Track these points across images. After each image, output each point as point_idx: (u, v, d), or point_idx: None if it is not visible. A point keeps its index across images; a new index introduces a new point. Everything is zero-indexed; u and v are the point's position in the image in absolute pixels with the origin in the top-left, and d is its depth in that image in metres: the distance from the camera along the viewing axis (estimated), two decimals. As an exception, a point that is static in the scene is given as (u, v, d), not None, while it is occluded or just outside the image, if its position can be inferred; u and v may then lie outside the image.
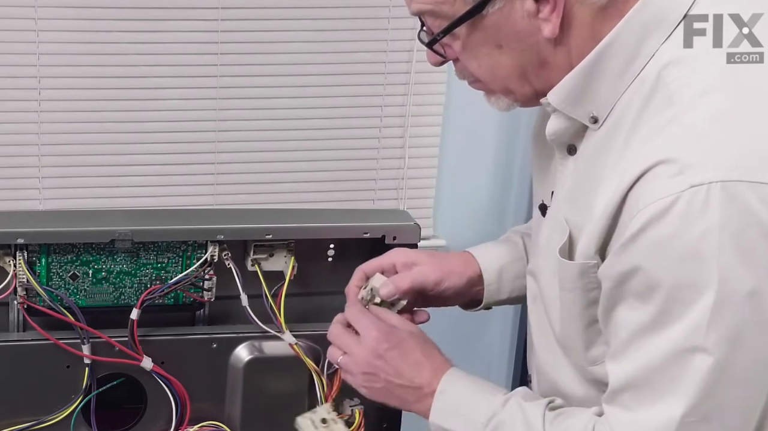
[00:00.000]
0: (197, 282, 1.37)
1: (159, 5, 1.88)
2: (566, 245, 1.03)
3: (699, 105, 0.93)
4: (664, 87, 0.96)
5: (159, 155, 1.99)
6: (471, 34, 1.01)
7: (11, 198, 1.93)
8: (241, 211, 1.78)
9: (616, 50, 0.98)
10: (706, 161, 0.90)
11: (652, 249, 0.92)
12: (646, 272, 0.93)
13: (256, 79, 1.98)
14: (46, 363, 1.33)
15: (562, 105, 1.03)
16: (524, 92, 1.05)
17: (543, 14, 0.98)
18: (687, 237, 0.90)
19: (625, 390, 0.99)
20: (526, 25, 0.99)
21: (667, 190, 0.91)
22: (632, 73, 0.98)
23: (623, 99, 0.99)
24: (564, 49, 1.00)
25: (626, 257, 0.95)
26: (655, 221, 0.91)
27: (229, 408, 1.40)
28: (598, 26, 0.99)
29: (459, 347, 2.24)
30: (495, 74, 1.05)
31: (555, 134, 1.06)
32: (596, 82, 1.00)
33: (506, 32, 1.00)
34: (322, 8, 1.97)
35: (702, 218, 0.90)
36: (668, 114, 0.94)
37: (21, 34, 1.85)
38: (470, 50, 1.03)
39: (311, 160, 2.06)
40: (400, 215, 1.47)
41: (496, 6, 0.98)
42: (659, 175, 0.92)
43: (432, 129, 2.11)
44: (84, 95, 1.91)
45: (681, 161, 0.91)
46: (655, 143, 0.93)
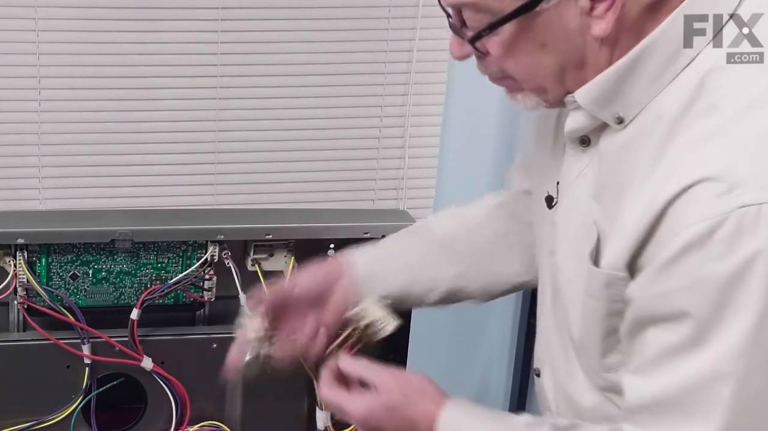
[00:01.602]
0: (197, 282, 1.37)
1: (159, 5, 1.88)
2: (594, 249, 0.99)
3: (747, 119, 0.89)
4: (708, 94, 0.91)
5: (159, 155, 1.99)
6: (518, 31, 0.95)
7: (11, 198, 1.93)
8: (241, 211, 1.78)
9: (658, 50, 0.94)
10: (757, 180, 0.86)
11: (695, 274, 0.88)
12: (685, 296, 0.89)
13: (256, 79, 1.97)
14: (46, 363, 1.33)
15: (590, 105, 0.98)
16: (557, 93, 1.00)
17: (597, 12, 0.92)
18: (733, 262, 0.86)
19: (650, 410, 0.95)
20: (578, 23, 0.93)
21: (713, 210, 0.86)
22: (670, 75, 0.94)
23: (657, 101, 0.95)
24: (608, 48, 0.95)
25: (665, 280, 0.90)
26: (698, 243, 0.87)
27: (229, 408, 1.40)
28: (643, 24, 0.94)
29: (459, 347, 2.25)
30: (532, 73, 0.99)
31: (574, 132, 1.01)
32: (630, 83, 0.95)
33: (555, 31, 0.94)
34: (322, 8, 1.97)
35: (750, 241, 0.85)
36: (712, 123, 0.90)
37: (21, 34, 1.85)
38: (512, 48, 0.96)
39: (311, 160, 2.06)
40: (400, 215, 1.47)
41: (551, 3, 0.92)
42: (704, 192, 0.87)
43: (432, 129, 2.11)
44: (84, 95, 1.91)
45: (729, 180, 0.86)
46: (700, 156, 0.89)
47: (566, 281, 1.07)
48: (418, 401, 1.09)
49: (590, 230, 1.00)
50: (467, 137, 2.11)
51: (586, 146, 1.03)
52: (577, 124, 1.01)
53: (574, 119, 1.00)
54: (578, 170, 1.04)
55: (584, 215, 1.02)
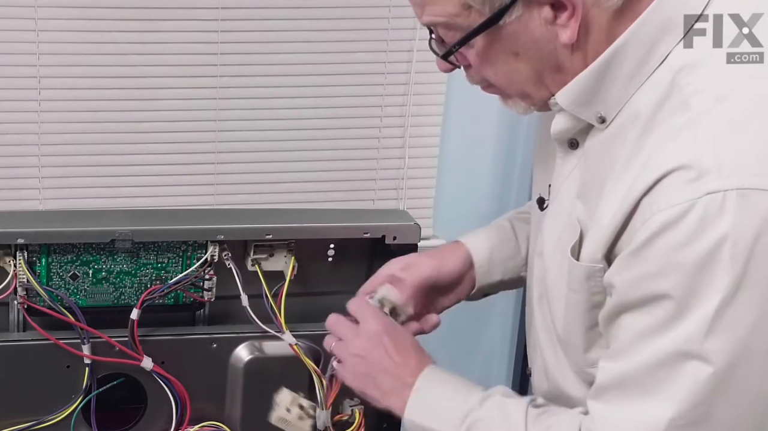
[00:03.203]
0: (197, 282, 1.37)
1: (159, 5, 1.88)
2: (576, 245, 1.03)
3: (716, 111, 0.92)
4: (679, 91, 0.95)
5: (159, 155, 1.99)
6: (488, 44, 1.00)
7: (11, 198, 1.93)
8: (241, 211, 1.78)
9: (629, 52, 0.98)
10: (722, 168, 0.89)
11: (664, 258, 0.91)
12: (657, 280, 0.92)
13: (256, 79, 1.98)
14: (46, 363, 1.33)
15: (570, 106, 1.02)
16: (541, 96, 1.04)
17: (561, 21, 0.97)
18: (700, 245, 0.89)
19: (614, 388, 0.98)
20: (544, 32, 0.98)
21: (681, 197, 0.90)
22: (644, 74, 0.98)
23: (633, 100, 0.99)
24: (580, 53, 0.99)
25: (636, 265, 0.94)
26: (667, 228, 0.90)
27: (229, 408, 1.40)
28: (612, 28, 0.98)
29: (459, 347, 2.25)
30: (511, 80, 1.04)
31: (560, 133, 1.05)
32: (607, 83, 0.99)
33: (523, 40, 0.99)
34: (322, 8, 1.97)
35: (716, 226, 0.88)
36: (684, 119, 0.93)
37: (21, 34, 1.85)
38: (486, 59, 1.02)
39: (311, 160, 2.06)
40: (400, 215, 1.47)
41: (513, 15, 0.97)
42: (674, 181, 0.91)
43: (432, 129, 2.11)
44: (84, 95, 1.91)
45: (697, 167, 0.90)
46: (670, 149, 0.92)
47: (552, 280, 1.11)
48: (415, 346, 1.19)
49: (574, 227, 1.04)
50: (467, 137, 2.11)
51: (575, 149, 1.06)
52: (561, 125, 1.05)
53: (558, 120, 1.05)
54: (567, 172, 1.08)
55: (569, 215, 1.06)
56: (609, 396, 0.99)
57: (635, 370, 0.96)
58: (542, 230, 1.13)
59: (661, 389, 0.94)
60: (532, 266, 1.19)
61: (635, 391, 0.96)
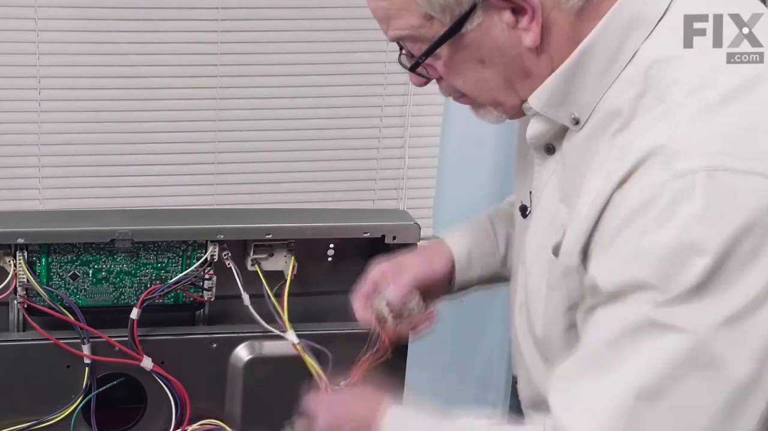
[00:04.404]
0: (197, 282, 1.37)
1: (159, 5, 1.89)
2: (558, 244, 1.02)
3: (690, 101, 0.92)
4: (654, 86, 0.95)
5: (159, 155, 1.99)
6: (453, 53, 1.01)
7: (11, 198, 1.93)
8: (241, 211, 1.78)
9: (597, 51, 0.98)
10: (691, 150, 0.89)
11: (636, 244, 0.90)
12: (630, 268, 0.91)
13: (256, 79, 1.98)
14: (46, 363, 1.33)
15: (544, 109, 1.02)
16: (512, 103, 1.05)
17: (522, 24, 0.97)
18: (671, 227, 0.88)
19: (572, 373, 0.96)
20: (507, 37, 0.98)
21: (649, 181, 0.89)
22: (614, 72, 0.98)
23: (606, 99, 0.99)
24: (546, 56, 1.00)
25: (609, 255, 0.93)
26: (637, 213, 0.90)
27: (229, 408, 1.40)
28: (576, 30, 0.98)
29: (459, 347, 2.25)
30: (481, 88, 1.04)
31: (536, 138, 1.06)
32: (578, 84, 1.00)
33: (487, 47, 0.99)
34: (322, 8, 1.97)
35: (686, 206, 0.88)
36: (658, 111, 0.93)
37: (21, 34, 1.85)
38: (453, 68, 1.03)
39: (311, 160, 2.06)
40: (400, 215, 1.47)
41: (475, 23, 0.98)
42: (645, 169, 0.90)
43: (432, 129, 2.11)
44: (84, 95, 1.91)
45: (666, 152, 0.89)
46: (644, 140, 0.92)
47: (532, 285, 1.10)
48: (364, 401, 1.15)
49: (558, 230, 1.03)
50: (467, 137, 2.11)
51: (552, 154, 1.07)
52: (536, 130, 1.05)
53: (533, 125, 1.05)
54: (546, 178, 1.08)
55: (552, 218, 1.06)
56: (567, 383, 0.96)
57: (594, 345, 0.94)
58: (525, 238, 1.13)
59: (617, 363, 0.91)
60: (516, 274, 1.18)
61: (596, 368, 0.93)
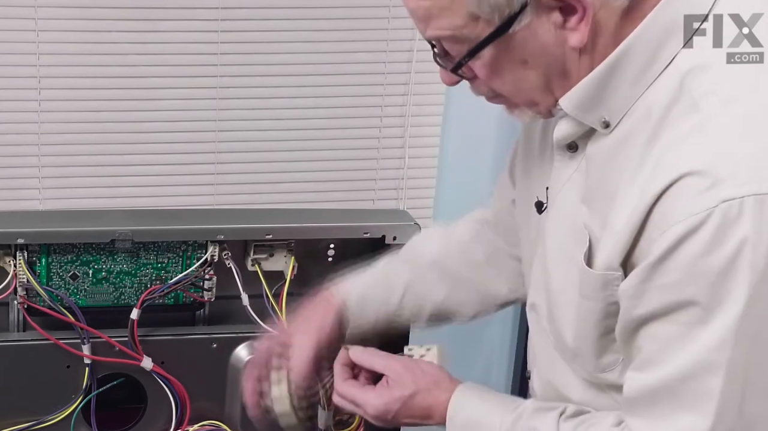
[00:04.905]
0: (197, 282, 1.37)
1: (159, 5, 1.88)
2: (587, 252, 1.01)
3: (726, 114, 0.91)
4: (688, 94, 0.93)
5: (159, 155, 1.99)
6: (496, 53, 0.98)
7: (11, 198, 1.93)
8: (241, 211, 1.78)
9: (634, 55, 0.96)
10: (737, 174, 0.88)
11: (687, 267, 0.90)
12: (681, 289, 0.91)
13: (256, 79, 1.98)
14: (46, 363, 1.33)
15: (574, 111, 1.00)
16: (547, 103, 1.02)
17: (570, 24, 0.95)
18: (720, 254, 0.88)
19: (647, 401, 0.97)
20: (553, 37, 0.96)
21: (697, 206, 0.88)
22: (649, 77, 0.96)
23: (639, 104, 0.97)
24: (588, 57, 0.98)
25: (656, 277, 0.92)
26: (686, 238, 0.89)
27: (229, 408, 1.40)
28: (620, 30, 0.96)
29: (459, 347, 2.24)
30: (519, 89, 1.02)
31: (563, 139, 1.04)
32: (611, 87, 0.98)
33: (532, 47, 0.97)
34: (322, 8, 1.97)
35: (735, 234, 0.88)
36: (693, 121, 0.92)
37: (21, 34, 1.85)
38: (495, 69, 1.00)
39: (311, 160, 2.06)
40: (400, 215, 1.47)
41: (523, 23, 0.94)
42: (688, 189, 0.89)
43: (432, 129, 2.11)
44: (84, 95, 1.91)
45: (711, 174, 0.88)
46: (681, 153, 0.91)
47: (557, 287, 1.08)
48: (432, 389, 1.16)
49: (581, 233, 1.02)
50: (467, 137, 2.11)
51: (574, 152, 1.05)
52: (565, 131, 1.03)
53: (562, 126, 1.03)
54: (567, 176, 1.06)
55: (573, 219, 1.04)
56: (641, 410, 0.98)
57: (666, 381, 0.95)
58: (544, 235, 1.11)
59: (694, 400, 0.93)
60: (530, 270, 1.18)
61: (668, 403, 0.95)
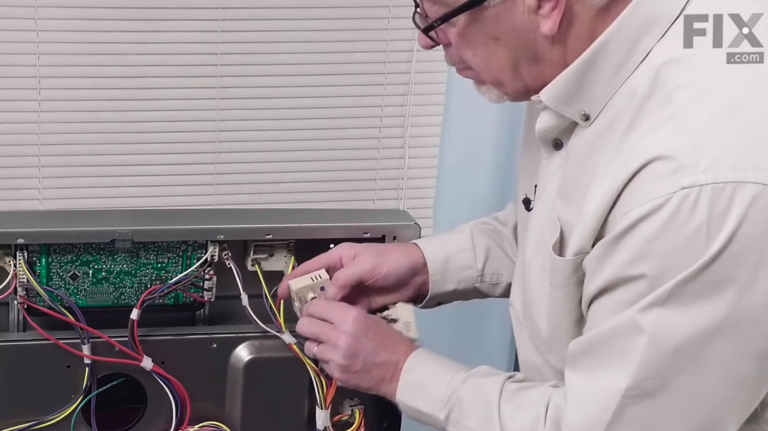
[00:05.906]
0: (197, 282, 1.37)
1: (159, 5, 1.88)
2: (558, 242, 1.04)
3: (698, 105, 0.93)
4: (663, 86, 0.96)
5: (159, 155, 1.99)
6: (469, 24, 1.02)
7: (11, 198, 1.93)
8: (241, 211, 1.78)
9: (611, 49, 0.99)
10: (700, 163, 0.90)
11: (636, 247, 0.93)
12: (634, 264, 0.94)
13: (256, 79, 1.98)
14: (46, 363, 1.33)
15: (554, 104, 1.03)
16: (515, 86, 1.06)
17: (543, 11, 0.98)
18: (673, 235, 0.91)
19: (580, 355, 1.01)
20: (526, 20, 0.99)
21: (659, 191, 0.91)
22: (626, 71, 0.99)
23: (617, 97, 1.00)
24: (560, 46, 1.01)
25: (612, 254, 0.96)
26: (643, 220, 0.92)
27: (229, 408, 1.40)
28: (595, 26, 0.99)
29: (459, 347, 2.24)
30: (489, 65, 1.05)
31: (545, 131, 1.06)
32: (590, 81, 1.00)
33: (504, 26, 1.00)
34: (322, 8, 1.97)
35: (690, 220, 0.90)
36: (666, 113, 0.94)
37: (21, 34, 1.85)
38: (466, 38, 1.03)
39: (311, 160, 2.06)
40: (400, 215, 1.47)
41: None
42: (653, 173, 0.92)
43: (432, 129, 2.11)
44: (84, 95, 1.91)
45: (675, 160, 0.91)
46: (652, 140, 0.94)
47: (534, 279, 1.12)
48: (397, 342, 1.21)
49: (554, 225, 1.05)
50: (467, 137, 2.11)
51: (559, 149, 1.07)
52: (546, 123, 1.06)
53: (543, 118, 1.06)
54: (552, 172, 1.09)
55: (548, 213, 1.07)
56: (577, 365, 1.02)
57: (597, 338, 0.99)
58: (527, 232, 1.14)
59: (617, 359, 0.97)
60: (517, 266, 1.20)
61: (596, 360, 0.99)
